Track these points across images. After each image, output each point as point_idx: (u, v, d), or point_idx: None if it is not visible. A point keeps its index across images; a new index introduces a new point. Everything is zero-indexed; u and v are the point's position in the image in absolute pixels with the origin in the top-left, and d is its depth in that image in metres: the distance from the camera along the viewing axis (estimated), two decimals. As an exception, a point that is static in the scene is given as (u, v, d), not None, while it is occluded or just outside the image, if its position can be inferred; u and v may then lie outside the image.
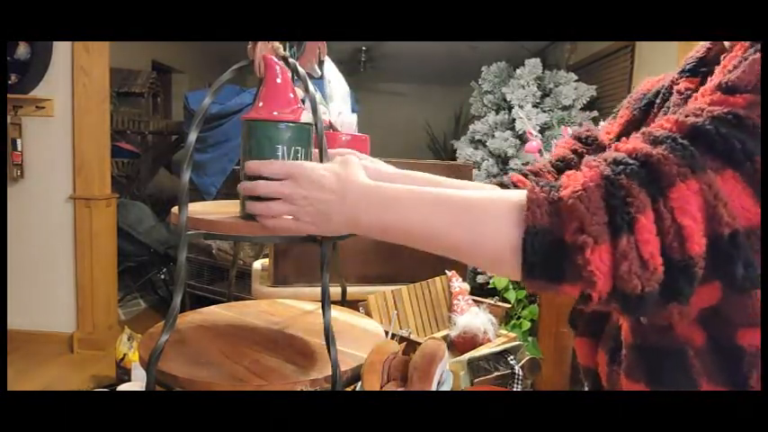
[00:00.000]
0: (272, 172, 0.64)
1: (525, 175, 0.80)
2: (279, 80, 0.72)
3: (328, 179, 0.62)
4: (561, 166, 0.79)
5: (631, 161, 0.47)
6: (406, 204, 0.57)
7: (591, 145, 0.78)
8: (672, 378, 0.54)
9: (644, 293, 0.44)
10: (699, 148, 0.46)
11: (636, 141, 0.49)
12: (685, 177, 0.45)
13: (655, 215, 0.45)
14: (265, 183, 0.64)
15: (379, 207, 0.58)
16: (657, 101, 0.68)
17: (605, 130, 0.77)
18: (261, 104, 0.71)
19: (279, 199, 0.63)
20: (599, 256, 0.44)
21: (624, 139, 0.52)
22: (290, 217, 0.63)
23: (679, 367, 0.54)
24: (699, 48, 0.65)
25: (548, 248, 0.47)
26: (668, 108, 0.64)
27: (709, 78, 0.55)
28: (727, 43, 0.58)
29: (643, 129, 0.51)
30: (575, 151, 0.79)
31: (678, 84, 0.64)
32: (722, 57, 0.54)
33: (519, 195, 0.50)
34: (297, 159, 0.71)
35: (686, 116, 0.48)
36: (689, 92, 0.61)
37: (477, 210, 0.53)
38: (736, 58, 0.51)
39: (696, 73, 0.63)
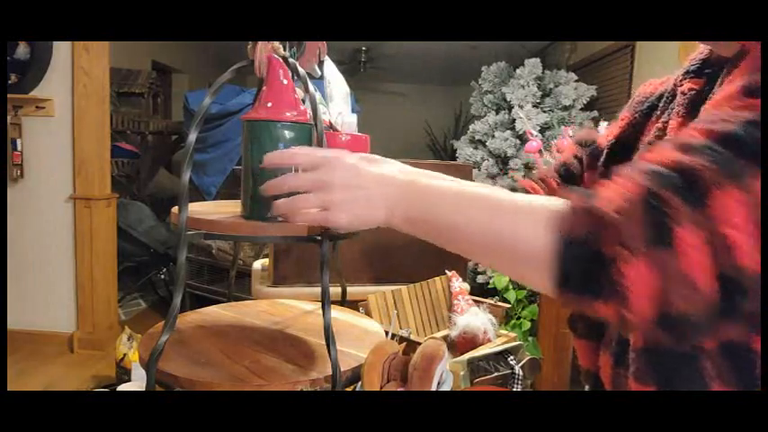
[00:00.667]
0: (303, 161, 0.60)
1: (534, 181, 0.80)
2: (284, 81, 0.72)
3: (365, 166, 0.58)
4: (564, 173, 0.78)
5: (669, 172, 0.44)
6: (444, 197, 0.54)
7: (589, 147, 0.78)
8: (684, 381, 0.53)
9: (689, 315, 0.42)
10: (734, 153, 0.43)
11: (667, 151, 0.47)
12: (726, 186, 0.42)
13: (698, 228, 0.42)
14: (295, 175, 0.61)
15: (417, 198, 0.56)
16: (660, 104, 0.67)
17: (606, 132, 0.77)
18: (269, 104, 0.71)
19: (304, 193, 0.59)
20: (636, 270, 0.42)
21: (648, 147, 0.51)
22: (319, 210, 0.59)
23: (691, 371, 0.53)
24: (702, 49, 0.65)
25: (584, 259, 0.44)
26: (671, 110, 0.63)
27: (726, 80, 0.53)
28: (739, 44, 0.57)
29: (669, 137, 0.49)
30: (576, 156, 0.79)
31: (682, 85, 0.63)
32: (725, 61, 0.53)
33: (558, 203, 0.48)
34: None
35: (714, 122, 0.46)
36: (693, 92, 0.61)
37: (515, 212, 0.50)
38: (758, 59, 0.49)
39: (701, 74, 0.62)
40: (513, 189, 0.77)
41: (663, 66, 2.84)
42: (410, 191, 0.56)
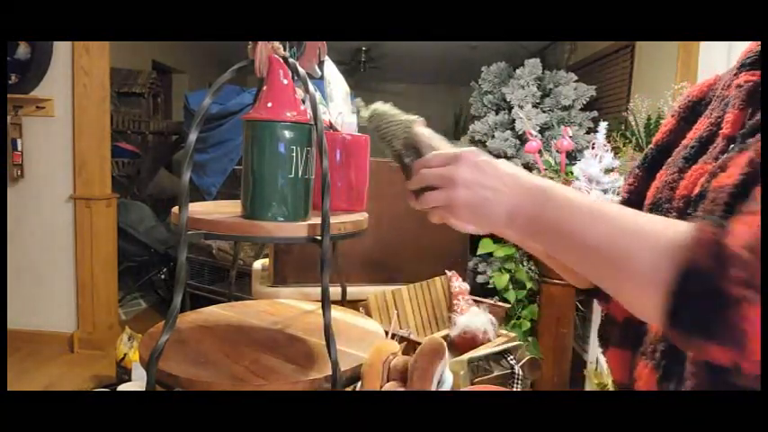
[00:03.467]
0: (437, 159, 0.61)
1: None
2: (285, 81, 0.72)
3: (494, 164, 0.57)
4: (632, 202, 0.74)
5: None
6: (579, 210, 0.52)
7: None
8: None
9: None
10: None
11: None
12: None
13: None
14: (430, 171, 0.60)
15: (541, 204, 0.54)
16: (710, 106, 0.65)
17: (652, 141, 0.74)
18: (270, 104, 0.71)
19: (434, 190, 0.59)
20: (755, 313, 0.38)
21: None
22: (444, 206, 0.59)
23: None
24: (759, 42, 0.61)
25: (703, 296, 0.41)
26: (726, 104, 0.61)
27: None
28: None
29: (725, 129, 0.47)
30: (637, 176, 0.73)
31: (738, 78, 0.60)
32: None
33: (683, 228, 0.45)
34: (300, 159, 0.71)
35: None
36: (749, 84, 0.58)
37: (638, 233, 0.47)
38: None
39: (757, 65, 0.59)
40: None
41: (663, 66, 2.84)
42: (537, 196, 0.55)
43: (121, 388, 1.63)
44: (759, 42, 0.61)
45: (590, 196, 0.55)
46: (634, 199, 0.68)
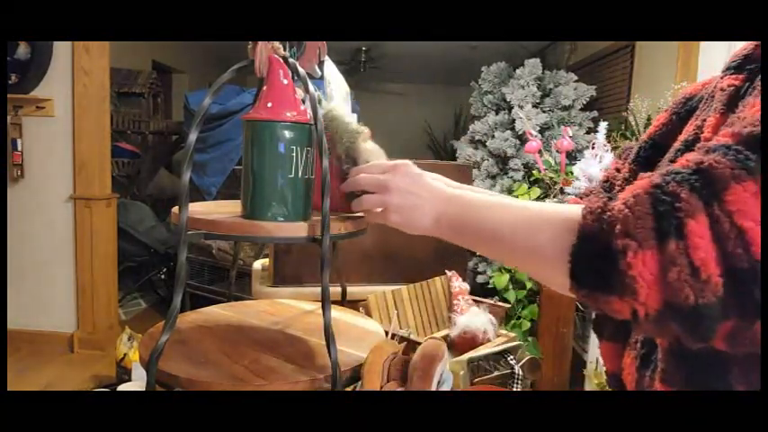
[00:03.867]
0: (376, 169, 0.71)
1: (581, 198, 0.79)
2: (285, 81, 0.72)
3: (421, 177, 0.68)
4: (608, 188, 0.78)
5: (683, 170, 0.45)
6: (486, 208, 0.61)
7: (626, 158, 0.77)
8: (711, 385, 0.52)
9: (699, 306, 0.42)
10: (756, 153, 0.44)
11: (692, 155, 0.48)
12: (741, 179, 0.42)
13: (709, 220, 0.42)
14: (366, 176, 0.70)
15: (460, 209, 0.63)
16: (701, 105, 0.66)
17: (644, 134, 0.76)
18: (270, 104, 0.71)
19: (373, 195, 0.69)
20: (642, 261, 0.43)
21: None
22: (381, 209, 0.69)
23: (718, 374, 0.52)
24: (745, 45, 0.62)
25: (595, 255, 0.46)
26: (711, 108, 0.62)
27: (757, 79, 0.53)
28: None
29: (699, 145, 0.49)
30: (617, 169, 0.79)
31: (722, 81, 0.62)
32: None
33: (578, 207, 0.50)
34: (300, 159, 0.71)
35: (744, 127, 0.47)
36: (732, 88, 0.59)
37: (538, 217, 0.55)
38: None
39: (741, 69, 0.61)
40: (511, 191, 0.78)
41: (663, 66, 2.84)
42: (457, 203, 0.64)
43: (121, 388, 1.63)
44: (745, 46, 0.62)
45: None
46: None
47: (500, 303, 1.40)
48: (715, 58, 2.35)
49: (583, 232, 0.48)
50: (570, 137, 2.38)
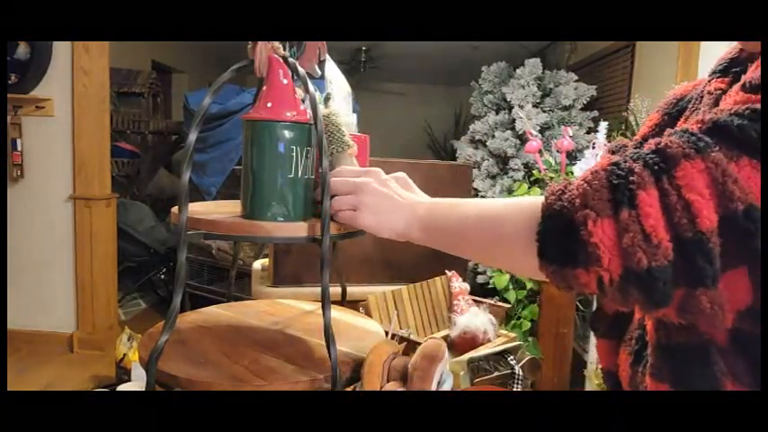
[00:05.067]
0: (350, 173, 0.73)
1: None
2: (284, 81, 0.72)
3: (393, 182, 0.71)
4: None
5: (645, 150, 0.49)
6: (454, 208, 0.64)
7: (618, 153, 0.78)
8: (697, 379, 0.54)
9: (651, 269, 0.44)
10: (714, 138, 0.47)
11: (656, 138, 0.51)
12: (690, 157, 0.46)
13: (659, 193, 0.46)
14: (339, 180, 0.71)
15: (429, 212, 0.66)
16: (689, 106, 0.68)
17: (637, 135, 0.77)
18: (270, 104, 0.71)
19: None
20: (602, 229, 0.46)
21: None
22: (353, 210, 0.70)
23: (704, 367, 0.53)
24: (731, 49, 0.65)
25: (559, 230, 0.48)
26: (698, 110, 0.64)
27: (742, 78, 0.55)
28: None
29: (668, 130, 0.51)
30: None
31: (709, 84, 0.64)
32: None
33: (536, 202, 0.53)
34: (300, 159, 0.71)
35: (708, 114, 0.50)
36: (719, 92, 0.61)
37: (504, 208, 0.58)
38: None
39: (727, 73, 0.63)
40: (511, 191, 0.79)
41: (663, 66, 2.84)
42: (427, 205, 0.68)
43: (121, 388, 1.63)
44: (730, 50, 0.64)
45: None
46: None
47: (500, 303, 1.40)
48: (715, 58, 2.35)
49: (546, 212, 0.50)
50: (570, 137, 2.38)
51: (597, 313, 0.72)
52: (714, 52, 0.68)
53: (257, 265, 1.85)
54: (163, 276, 3.88)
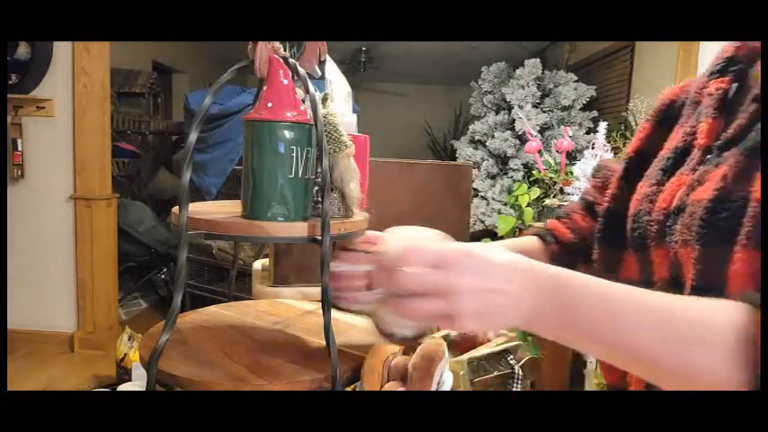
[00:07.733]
0: (422, 262, 0.51)
1: (560, 218, 0.80)
2: (285, 81, 0.72)
3: (488, 262, 0.49)
4: (586, 205, 0.79)
5: None
6: (602, 305, 0.47)
7: (602, 173, 0.78)
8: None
9: None
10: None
11: None
12: None
13: None
14: (415, 275, 0.51)
15: (560, 299, 0.48)
16: (684, 110, 0.66)
17: (627, 148, 0.76)
18: (270, 105, 0.71)
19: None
20: None
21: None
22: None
23: None
24: (726, 48, 0.64)
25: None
26: (699, 113, 0.63)
27: (748, 75, 0.53)
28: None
29: (700, 140, 0.50)
30: (594, 186, 0.79)
31: (707, 87, 0.62)
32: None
33: (744, 316, 0.42)
34: (300, 159, 0.71)
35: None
36: (720, 92, 0.60)
37: (691, 329, 0.44)
38: None
39: (726, 72, 0.61)
40: (510, 191, 0.78)
41: (663, 66, 2.84)
42: (560, 291, 0.49)
43: (121, 388, 1.63)
44: (725, 49, 0.63)
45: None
46: (616, 210, 0.70)
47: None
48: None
49: (750, 346, 0.40)
50: (570, 137, 2.38)
51: None
52: (714, 52, 0.68)
53: (257, 264, 1.85)
54: (163, 276, 3.88)
